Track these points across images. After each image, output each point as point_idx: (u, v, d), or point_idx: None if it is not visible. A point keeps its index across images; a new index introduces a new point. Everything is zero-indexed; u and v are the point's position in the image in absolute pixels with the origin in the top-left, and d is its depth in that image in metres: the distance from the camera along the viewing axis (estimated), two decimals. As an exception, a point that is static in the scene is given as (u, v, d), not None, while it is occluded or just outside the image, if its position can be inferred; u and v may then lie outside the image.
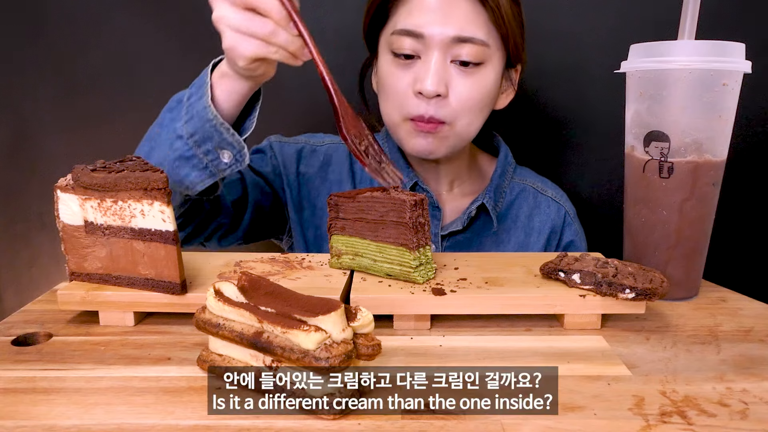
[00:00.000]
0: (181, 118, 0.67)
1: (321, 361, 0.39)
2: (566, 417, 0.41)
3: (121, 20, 1.04)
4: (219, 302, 0.44)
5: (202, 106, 0.65)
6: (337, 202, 0.62)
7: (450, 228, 0.85)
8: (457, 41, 0.74)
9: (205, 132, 0.66)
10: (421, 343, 0.53)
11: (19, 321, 0.57)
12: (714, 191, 0.62)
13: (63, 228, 0.58)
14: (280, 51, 0.60)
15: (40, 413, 0.41)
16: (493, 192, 0.86)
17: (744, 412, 0.41)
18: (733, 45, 0.57)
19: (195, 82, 0.69)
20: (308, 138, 0.93)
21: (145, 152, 0.70)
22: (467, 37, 0.74)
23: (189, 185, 0.68)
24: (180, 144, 0.67)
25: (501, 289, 0.56)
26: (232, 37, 0.59)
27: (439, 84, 0.74)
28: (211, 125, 0.65)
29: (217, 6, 0.60)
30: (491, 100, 0.80)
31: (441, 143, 0.79)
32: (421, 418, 0.40)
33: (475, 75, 0.76)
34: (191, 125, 0.66)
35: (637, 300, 0.54)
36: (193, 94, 0.67)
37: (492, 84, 0.78)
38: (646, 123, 0.61)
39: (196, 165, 0.67)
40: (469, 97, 0.76)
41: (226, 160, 0.68)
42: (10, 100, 1.09)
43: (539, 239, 0.88)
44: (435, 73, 0.74)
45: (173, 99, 0.71)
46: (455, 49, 0.74)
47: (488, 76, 0.77)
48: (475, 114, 0.78)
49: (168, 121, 0.69)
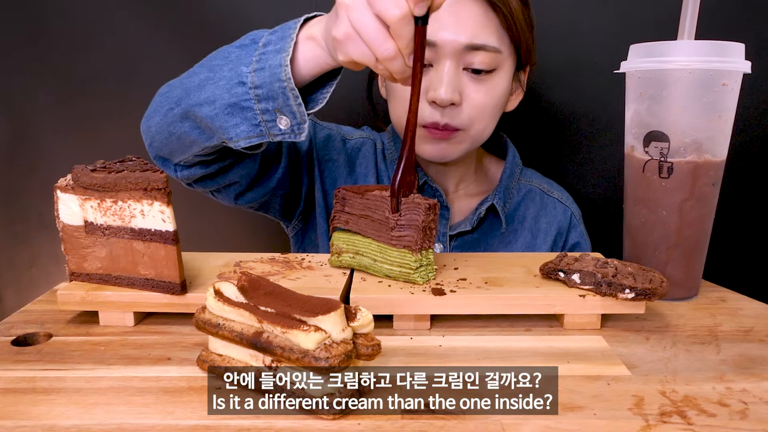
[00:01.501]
0: (251, 63, 0.60)
1: (321, 361, 0.39)
2: (566, 417, 0.41)
3: (121, 20, 1.04)
4: (219, 302, 0.44)
5: (278, 62, 0.59)
6: (344, 196, 0.62)
7: (459, 228, 0.86)
8: (470, 49, 0.73)
9: (272, 90, 0.59)
10: (420, 343, 0.53)
11: (19, 321, 0.57)
12: (714, 191, 0.62)
13: (63, 228, 0.58)
14: (386, 72, 0.55)
15: (40, 413, 0.41)
16: (502, 193, 0.86)
17: (744, 412, 0.41)
18: (733, 45, 0.57)
19: (278, 29, 0.61)
20: (339, 128, 0.91)
21: (199, 81, 0.64)
22: (480, 44, 0.73)
23: (233, 137, 0.62)
24: (240, 91, 0.60)
25: (501, 289, 0.56)
26: (348, 31, 0.53)
27: (453, 93, 0.74)
28: (281, 86, 0.59)
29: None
30: (504, 104, 0.80)
31: (455, 148, 0.79)
32: (421, 418, 0.40)
33: (488, 82, 0.76)
34: (259, 76, 0.59)
35: (636, 300, 0.54)
36: (271, 42, 0.60)
37: (504, 89, 0.78)
38: (645, 123, 0.61)
39: (249, 119, 0.61)
40: (483, 104, 0.76)
41: (282, 126, 0.61)
42: (10, 100, 1.09)
43: (546, 240, 0.88)
44: (449, 82, 0.73)
45: (247, 36, 0.64)
46: (467, 57, 0.74)
47: (501, 82, 0.77)
48: (488, 120, 0.79)
49: (235, 58, 0.62)
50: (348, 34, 0.53)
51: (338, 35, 0.54)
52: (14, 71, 1.07)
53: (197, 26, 1.05)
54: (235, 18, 1.04)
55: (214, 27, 1.05)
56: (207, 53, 0.70)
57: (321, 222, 0.88)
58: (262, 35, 0.62)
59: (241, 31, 1.07)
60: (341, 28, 0.54)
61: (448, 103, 0.74)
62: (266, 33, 0.62)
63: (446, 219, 0.86)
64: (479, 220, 0.86)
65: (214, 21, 1.04)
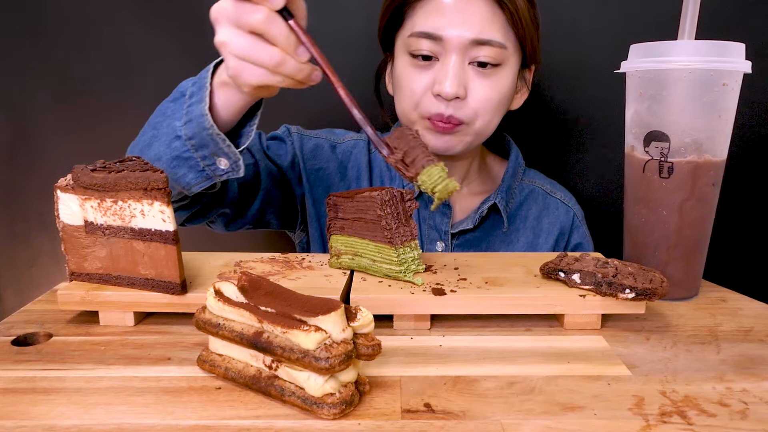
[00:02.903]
0: (181, 117, 0.64)
1: (321, 361, 0.39)
2: (566, 417, 0.41)
3: (121, 20, 1.04)
4: (219, 302, 0.44)
5: (199, 112, 0.62)
6: (336, 203, 0.62)
7: (460, 226, 0.86)
8: (476, 44, 0.74)
9: (202, 138, 0.63)
10: (421, 343, 0.53)
11: (19, 321, 0.57)
12: (714, 191, 0.62)
13: (63, 228, 0.58)
14: (286, 80, 0.57)
15: (40, 413, 0.41)
16: (505, 192, 0.87)
17: (744, 412, 0.41)
18: (733, 45, 0.57)
19: (197, 78, 0.65)
20: (329, 134, 0.92)
21: (146, 140, 0.67)
22: (485, 39, 0.74)
23: (185, 185, 0.66)
24: (178, 144, 0.64)
25: (501, 289, 0.56)
26: (236, 64, 0.56)
27: (459, 87, 0.75)
28: (208, 134, 0.63)
29: (221, 30, 0.56)
30: (508, 100, 0.81)
31: (459, 141, 0.80)
32: (421, 418, 0.40)
33: (493, 77, 0.77)
34: (189, 128, 0.63)
35: (637, 300, 0.54)
36: (194, 93, 0.64)
37: (509, 85, 0.79)
38: (646, 123, 0.61)
39: (193, 167, 0.65)
40: (487, 99, 0.77)
41: (222, 166, 0.65)
42: (10, 100, 1.09)
43: (548, 240, 0.88)
44: (454, 75, 0.74)
45: (178, 89, 0.68)
46: (473, 51, 0.75)
47: (506, 77, 0.78)
48: (492, 114, 0.79)
49: (171, 113, 0.66)
50: (237, 66, 0.56)
51: (231, 72, 0.57)
52: (14, 71, 1.07)
53: (197, 26, 1.05)
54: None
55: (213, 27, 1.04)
56: (206, 53, 0.70)
57: (313, 231, 0.89)
58: (187, 85, 0.66)
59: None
60: (229, 63, 0.57)
61: (453, 96, 0.75)
62: (190, 84, 0.66)
63: (448, 217, 0.86)
64: (481, 219, 0.86)
65: (214, 21, 1.04)
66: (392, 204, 0.57)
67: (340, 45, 1.00)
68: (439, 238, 0.87)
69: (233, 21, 0.54)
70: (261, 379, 0.43)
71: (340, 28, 1.02)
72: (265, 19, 0.53)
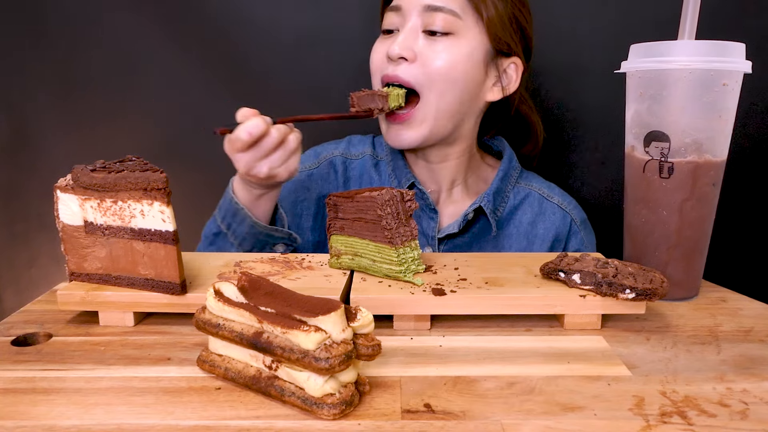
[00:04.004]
0: (233, 244, 0.78)
1: (321, 362, 0.39)
2: (566, 417, 0.41)
3: (121, 20, 1.04)
4: (219, 302, 0.44)
5: (249, 227, 0.76)
6: (336, 203, 0.62)
7: (447, 231, 0.85)
8: (429, 10, 0.77)
9: (261, 241, 0.78)
10: (421, 343, 0.53)
11: (18, 321, 0.57)
12: (714, 191, 0.62)
13: (63, 228, 0.58)
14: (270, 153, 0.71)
15: (40, 413, 0.41)
16: (493, 196, 0.85)
17: (744, 412, 0.41)
18: (734, 45, 0.57)
19: (222, 216, 0.79)
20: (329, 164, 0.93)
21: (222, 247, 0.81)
22: (438, 5, 0.76)
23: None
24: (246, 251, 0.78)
25: (501, 289, 0.56)
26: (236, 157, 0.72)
27: (405, 49, 0.77)
28: (266, 235, 0.78)
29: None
30: (465, 77, 0.79)
31: (416, 129, 0.80)
32: (421, 419, 0.40)
33: (444, 42, 0.77)
34: (248, 243, 0.78)
35: (637, 300, 0.54)
36: (231, 222, 0.78)
37: (464, 57, 0.78)
38: (646, 123, 0.61)
39: (266, 249, 0.80)
40: (436, 67, 0.77)
41: (281, 250, 0.80)
42: (10, 100, 1.09)
43: (542, 247, 0.87)
44: (403, 38, 0.77)
45: (207, 237, 0.81)
46: (427, 17, 0.77)
47: (459, 47, 0.77)
48: (446, 85, 0.78)
49: (222, 248, 0.80)
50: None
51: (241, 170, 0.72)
52: (14, 71, 1.07)
53: (197, 26, 1.05)
54: (235, 18, 1.04)
55: (213, 27, 1.05)
56: (206, 53, 0.72)
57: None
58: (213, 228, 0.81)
59: (240, 31, 1.07)
60: (242, 169, 0.72)
61: (398, 56, 0.77)
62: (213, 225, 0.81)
63: (435, 221, 0.86)
64: (468, 223, 0.85)
65: (213, 21, 1.04)
66: (392, 204, 0.57)
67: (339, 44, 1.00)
68: (427, 242, 0.86)
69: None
70: (261, 380, 0.43)
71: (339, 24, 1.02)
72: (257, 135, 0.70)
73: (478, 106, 0.83)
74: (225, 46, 1.05)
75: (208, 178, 1.11)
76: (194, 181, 1.09)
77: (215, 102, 1.08)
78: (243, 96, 1.08)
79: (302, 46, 1.05)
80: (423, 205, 0.86)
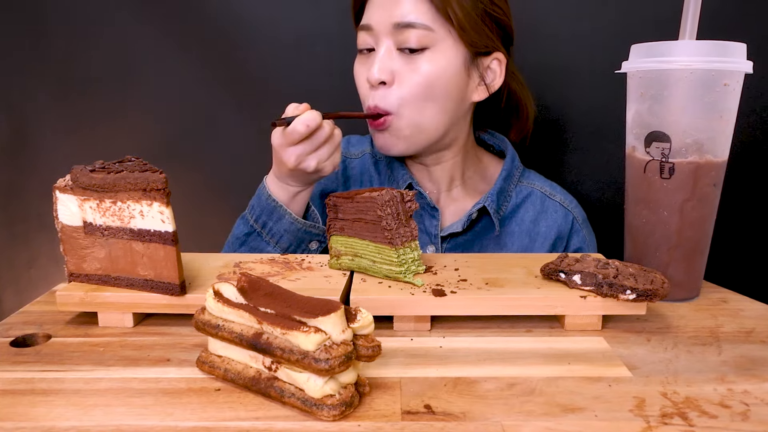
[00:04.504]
0: (269, 243, 0.79)
1: (321, 363, 0.38)
2: (567, 418, 0.40)
3: (121, 20, 1.04)
4: (218, 303, 0.44)
5: (288, 224, 0.77)
6: (335, 203, 0.62)
7: (450, 230, 0.85)
8: (400, 27, 0.76)
9: (299, 238, 0.79)
10: (421, 344, 0.53)
11: (17, 322, 0.57)
12: (715, 192, 0.62)
13: (62, 229, 0.58)
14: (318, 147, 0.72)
15: (39, 414, 0.41)
16: (496, 195, 0.85)
17: (745, 413, 0.41)
18: (735, 45, 0.57)
19: (257, 215, 0.79)
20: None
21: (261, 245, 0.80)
22: (408, 22, 0.75)
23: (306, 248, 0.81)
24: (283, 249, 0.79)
25: (501, 290, 0.56)
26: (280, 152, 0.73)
27: (383, 71, 0.76)
28: (304, 231, 0.78)
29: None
30: (445, 88, 0.78)
31: (397, 138, 0.80)
32: (421, 420, 0.40)
33: (419, 60, 0.77)
34: (285, 240, 0.78)
35: (637, 301, 0.53)
36: (266, 221, 0.78)
37: (441, 70, 0.77)
38: (647, 123, 0.61)
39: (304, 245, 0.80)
40: (415, 83, 0.77)
41: (314, 247, 0.80)
42: (9, 100, 1.09)
43: (544, 244, 0.87)
44: (380, 60, 0.77)
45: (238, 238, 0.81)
46: (399, 36, 0.76)
47: (435, 61, 0.77)
48: (423, 102, 0.78)
49: (255, 248, 0.80)
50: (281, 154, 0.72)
51: (290, 166, 0.72)
52: (14, 71, 1.07)
53: (197, 26, 1.05)
54: (234, 18, 1.04)
55: (213, 27, 1.05)
56: (206, 53, 0.72)
57: None
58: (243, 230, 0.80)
59: (240, 31, 1.07)
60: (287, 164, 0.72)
61: (378, 81, 0.77)
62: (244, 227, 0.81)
63: (437, 220, 0.86)
64: (471, 222, 0.85)
65: (213, 21, 1.04)
66: (392, 204, 0.57)
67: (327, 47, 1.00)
68: (429, 241, 0.86)
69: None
70: (260, 381, 0.43)
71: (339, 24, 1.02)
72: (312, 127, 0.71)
73: (464, 108, 0.83)
74: (225, 46, 1.05)
75: (207, 178, 1.12)
76: (194, 182, 1.09)
77: (215, 102, 1.08)
78: (243, 96, 1.08)
79: (302, 47, 1.05)
80: (423, 204, 0.86)
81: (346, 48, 0.96)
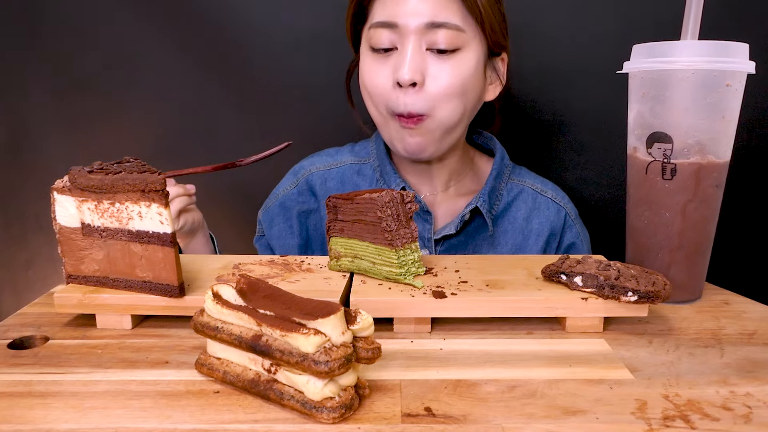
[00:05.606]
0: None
1: (320, 365, 0.38)
2: (568, 421, 0.40)
3: (121, 20, 1.04)
4: (217, 305, 0.43)
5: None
6: (335, 204, 0.62)
7: (443, 232, 0.84)
8: (431, 27, 0.73)
9: None
10: (421, 346, 0.52)
11: (15, 324, 0.57)
12: (717, 193, 0.61)
13: (60, 230, 0.57)
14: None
15: (37, 417, 0.41)
16: (488, 195, 0.85)
17: (747, 416, 0.41)
18: (737, 45, 0.57)
19: None
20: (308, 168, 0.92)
21: None
22: (441, 22, 0.73)
23: None
24: None
25: (502, 291, 0.56)
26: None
27: (415, 72, 0.74)
28: None
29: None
30: (473, 88, 0.78)
31: (429, 139, 0.78)
32: (421, 422, 0.40)
33: (451, 61, 0.75)
34: None
35: (639, 303, 0.53)
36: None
37: (471, 71, 0.77)
38: (648, 124, 0.60)
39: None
40: (447, 84, 0.75)
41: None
42: (7, 100, 1.09)
43: (538, 241, 0.86)
44: (411, 60, 0.74)
45: None
46: (430, 35, 0.74)
47: (466, 62, 0.76)
48: (455, 102, 0.77)
49: None
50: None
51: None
52: (12, 71, 1.07)
53: (195, 26, 1.05)
54: (235, 18, 1.04)
55: (212, 27, 1.04)
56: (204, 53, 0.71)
57: None
58: None
59: (239, 31, 1.07)
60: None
61: (410, 82, 0.74)
62: None
63: (429, 223, 0.85)
64: (464, 223, 0.84)
65: (212, 21, 1.04)
66: (392, 205, 0.57)
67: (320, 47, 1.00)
68: (423, 245, 0.85)
69: None
70: (260, 383, 0.42)
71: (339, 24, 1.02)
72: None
73: (478, 108, 0.83)
74: (225, 46, 1.05)
75: (206, 179, 1.11)
76: (193, 183, 1.08)
77: (214, 102, 1.08)
78: (242, 96, 1.08)
79: (302, 46, 1.05)
80: None
81: (347, 48, 0.96)
